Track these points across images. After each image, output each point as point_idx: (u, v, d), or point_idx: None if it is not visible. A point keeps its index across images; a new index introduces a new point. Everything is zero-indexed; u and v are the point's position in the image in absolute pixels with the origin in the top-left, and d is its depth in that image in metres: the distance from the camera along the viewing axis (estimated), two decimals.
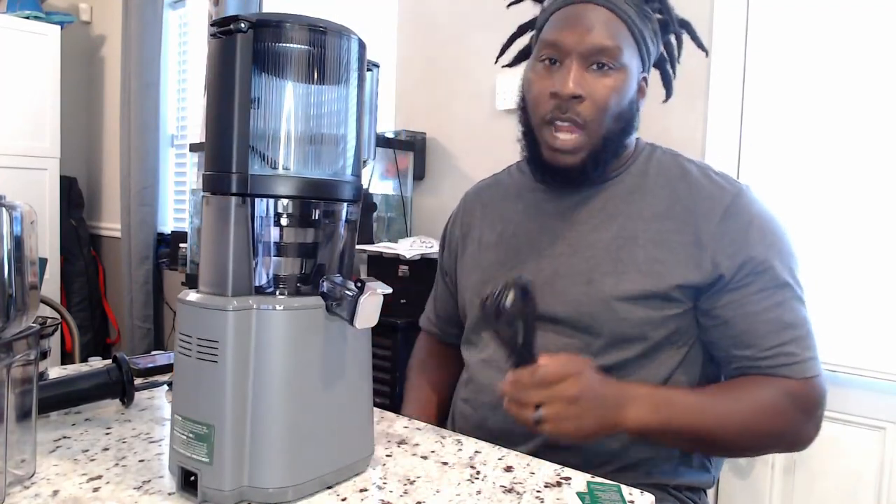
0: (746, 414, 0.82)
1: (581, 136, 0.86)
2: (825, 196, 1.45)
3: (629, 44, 0.86)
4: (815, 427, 0.85)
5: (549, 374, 0.74)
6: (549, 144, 0.87)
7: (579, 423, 0.75)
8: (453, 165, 2.11)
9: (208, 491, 0.58)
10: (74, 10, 3.46)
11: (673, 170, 0.91)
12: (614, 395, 0.78)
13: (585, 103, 0.84)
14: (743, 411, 0.82)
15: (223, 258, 0.60)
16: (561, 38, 0.85)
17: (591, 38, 0.83)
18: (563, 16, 0.87)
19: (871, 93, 1.39)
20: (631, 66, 0.86)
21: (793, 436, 0.86)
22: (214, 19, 0.59)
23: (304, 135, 0.62)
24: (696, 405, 0.82)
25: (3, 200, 0.59)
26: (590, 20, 0.84)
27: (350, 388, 0.65)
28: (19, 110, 2.91)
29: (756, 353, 0.83)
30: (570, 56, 0.84)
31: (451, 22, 2.09)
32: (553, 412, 0.74)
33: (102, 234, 3.50)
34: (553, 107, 0.85)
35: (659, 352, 0.86)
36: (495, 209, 1.03)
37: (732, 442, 0.84)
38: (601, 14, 0.84)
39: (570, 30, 0.84)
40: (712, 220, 0.85)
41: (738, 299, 0.83)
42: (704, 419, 0.81)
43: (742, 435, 0.83)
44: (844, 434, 1.40)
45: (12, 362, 0.60)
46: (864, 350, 1.39)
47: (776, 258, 0.84)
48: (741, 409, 0.83)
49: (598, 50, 0.84)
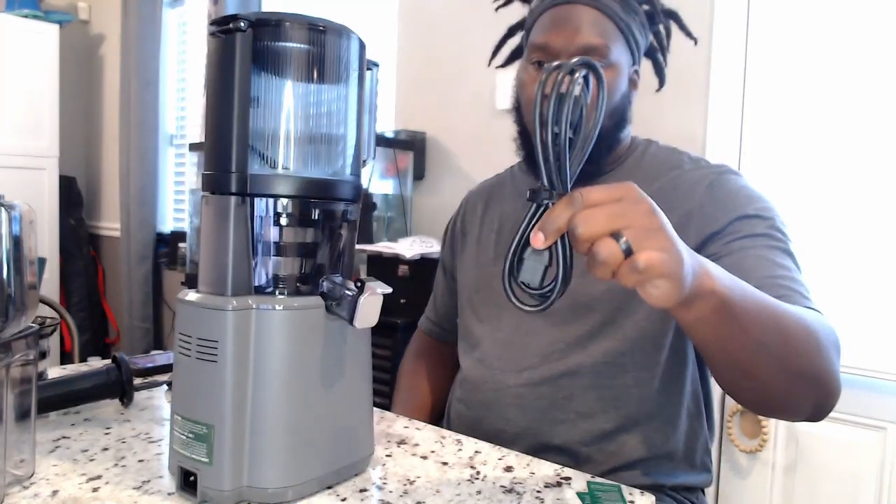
0: (806, 316, 0.68)
1: None
2: (826, 194, 1.45)
3: (617, 40, 0.86)
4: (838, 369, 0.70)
5: (598, 191, 0.52)
6: None
7: (674, 252, 0.51)
8: (453, 165, 2.11)
9: (208, 491, 0.58)
10: (73, 9, 3.46)
11: (666, 162, 0.92)
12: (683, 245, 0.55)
13: None
14: (803, 313, 0.68)
15: (223, 258, 0.59)
16: (550, 41, 0.86)
17: (579, 38, 0.84)
18: (549, 18, 0.87)
19: (873, 89, 1.39)
20: (621, 61, 0.87)
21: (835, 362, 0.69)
22: (213, 18, 0.59)
23: (303, 134, 0.62)
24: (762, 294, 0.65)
25: (2, 200, 0.59)
26: (577, 20, 0.85)
27: (350, 388, 0.65)
28: (18, 109, 2.91)
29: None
30: (559, 58, 0.85)
31: (451, 22, 2.09)
32: (640, 230, 0.50)
33: (102, 233, 3.50)
34: None
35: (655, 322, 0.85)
36: (495, 208, 1.03)
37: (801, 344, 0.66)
38: (587, 13, 0.85)
39: (558, 31, 0.85)
40: (697, 192, 0.85)
41: (727, 245, 0.80)
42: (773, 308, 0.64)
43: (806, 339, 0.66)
44: (844, 434, 1.40)
45: (11, 362, 0.60)
46: (864, 350, 1.39)
47: (766, 217, 0.82)
48: (800, 311, 0.69)
49: (587, 50, 0.84)
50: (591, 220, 0.50)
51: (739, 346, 0.63)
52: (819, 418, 0.72)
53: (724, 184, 0.86)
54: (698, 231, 0.83)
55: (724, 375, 0.69)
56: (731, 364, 0.66)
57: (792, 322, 0.65)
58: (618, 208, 0.51)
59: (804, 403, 0.70)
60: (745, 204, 0.83)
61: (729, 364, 0.66)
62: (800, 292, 0.76)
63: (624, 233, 0.50)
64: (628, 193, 0.52)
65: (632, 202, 0.51)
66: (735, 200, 0.83)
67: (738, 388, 0.70)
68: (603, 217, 0.50)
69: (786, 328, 0.64)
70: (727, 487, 1.55)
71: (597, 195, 0.51)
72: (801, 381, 0.67)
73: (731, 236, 0.81)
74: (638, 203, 0.51)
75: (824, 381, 0.68)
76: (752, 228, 0.81)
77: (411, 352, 1.17)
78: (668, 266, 0.50)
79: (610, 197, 0.51)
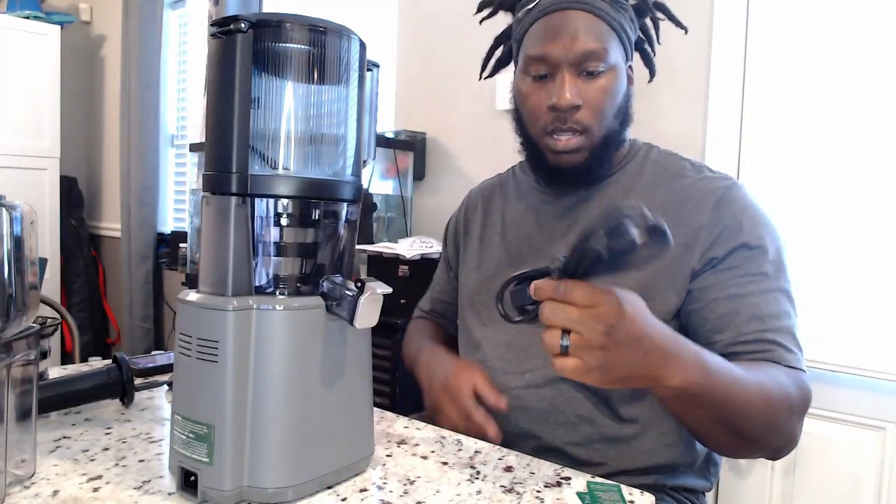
0: (772, 391, 0.74)
1: (583, 139, 0.87)
2: (825, 194, 1.45)
3: (612, 40, 0.86)
4: (801, 426, 0.79)
5: (579, 292, 0.60)
6: (552, 149, 0.88)
7: (613, 363, 0.61)
8: (453, 165, 2.11)
9: (208, 491, 0.58)
10: (74, 10, 3.46)
11: (669, 169, 0.92)
12: (663, 340, 0.65)
13: (583, 111, 0.85)
14: (768, 387, 0.74)
15: (223, 258, 0.60)
16: (548, 52, 0.85)
17: (577, 45, 0.83)
18: (543, 27, 0.86)
19: (873, 92, 1.39)
20: (618, 61, 0.87)
21: (791, 429, 0.78)
22: (214, 19, 0.59)
23: (304, 135, 0.62)
24: (734, 374, 0.72)
25: (3, 200, 0.59)
26: (571, 27, 0.84)
27: (350, 388, 0.65)
28: (19, 110, 2.91)
29: (735, 337, 0.80)
30: (559, 67, 0.85)
31: (451, 22, 2.09)
32: (582, 343, 0.60)
33: (102, 233, 3.50)
34: (552, 119, 0.86)
35: None
36: (497, 209, 1.03)
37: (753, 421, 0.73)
38: (580, 18, 0.84)
39: (555, 41, 0.84)
40: (705, 210, 0.85)
41: (723, 281, 0.82)
42: (737, 391, 0.71)
43: (762, 415, 0.73)
44: (845, 434, 1.40)
45: (12, 362, 0.60)
46: (864, 350, 1.39)
47: (768, 248, 0.83)
48: (766, 384, 0.74)
49: (586, 56, 0.84)
50: (557, 312, 0.61)
51: (695, 419, 0.74)
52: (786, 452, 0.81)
53: (731, 202, 0.85)
54: (703, 251, 0.83)
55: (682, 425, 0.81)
56: (686, 425, 0.78)
57: (752, 398, 0.72)
58: (583, 315, 0.60)
59: (753, 455, 0.82)
60: (750, 229, 0.83)
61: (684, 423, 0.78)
62: (784, 346, 0.80)
63: (571, 336, 0.61)
64: (604, 308, 0.60)
65: (596, 318, 0.60)
66: (740, 224, 0.83)
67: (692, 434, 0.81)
68: (564, 316, 0.60)
69: (743, 406, 0.72)
70: (727, 487, 1.55)
71: (577, 294, 0.60)
72: (750, 443, 0.77)
73: (730, 271, 0.82)
74: (602, 319, 0.60)
75: (774, 445, 0.78)
76: (751, 264, 0.82)
77: (413, 331, 1.16)
78: (584, 379, 0.62)
79: (586, 301, 0.60)
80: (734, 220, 0.84)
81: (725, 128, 1.55)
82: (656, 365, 0.65)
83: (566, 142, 0.86)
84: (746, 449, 0.79)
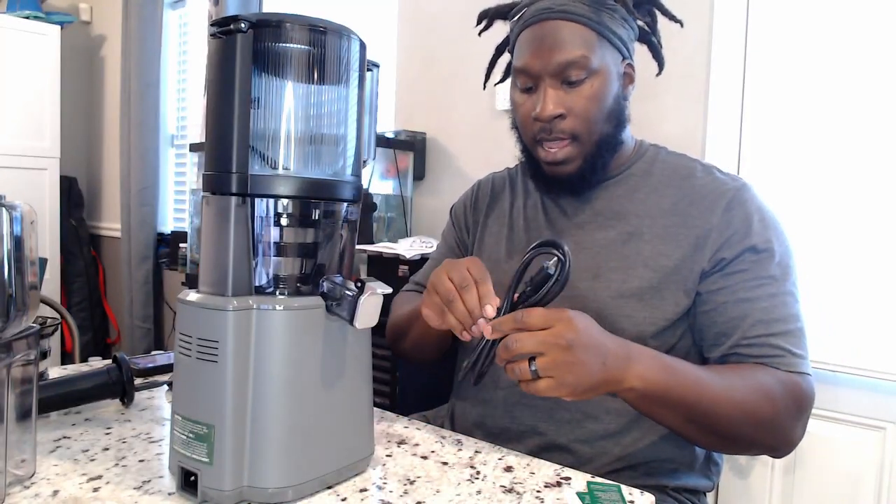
0: (746, 393, 0.77)
1: (573, 147, 0.87)
2: (826, 195, 1.45)
3: (597, 45, 0.85)
4: (802, 428, 0.81)
5: (536, 316, 0.67)
6: (543, 160, 0.90)
7: (579, 374, 0.67)
8: (453, 165, 2.11)
9: (208, 491, 0.58)
10: (74, 10, 3.46)
11: (679, 170, 0.92)
12: (618, 346, 0.72)
13: (568, 119, 0.86)
14: (741, 390, 0.77)
15: (223, 258, 0.60)
16: (529, 64, 0.86)
17: (555, 57, 0.84)
18: (525, 39, 0.87)
19: (873, 91, 1.39)
20: (606, 64, 0.86)
21: (783, 431, 0.79)
22: (214, 19, 0.59)
23: (304, 135, 0.62)
24: (699, 374, 0.76)
25: (3, 200, 0.59)
26: (549, 39, 0.84)
27: (350, 388, 0.65)
28: (19, 110, 2.91)
29: (742, 340, 0.81)
30: (541, 79, 0.85)
31: (451, 22, 2.09)
32: (549, 362, 0.66)
33: (102, 233, 3.50)
34: (539, 129, 0.88)
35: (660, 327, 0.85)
36: (503, 204, 1.03)
37: (726, 421, 0.76)
38: (559, 28, 0.84)
39: (534, 53, 0.85)
40: (716, 211, 0.85)
41: (732, 284, 0.83)
42: (704, 391, 0.75)
43: (736, 416, 0.76)
44: (844, 434, 1.40)
45: (12, 362, 0.60)
46: (864, 350, 1.39)
47: (775, 251, 0.84)
48: (739, 387, 0.77)
49: (564, 66, 0.84)
50: (520, 341, 0.66)
51: (666, 420, 0.77)
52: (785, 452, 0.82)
53: (742, 204, 0.85)
54: (713, 252, 0.84)
55: None
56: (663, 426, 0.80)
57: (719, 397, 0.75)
58: (545, 336, 0.66)
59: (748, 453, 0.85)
60: (759, 232, 0.84)
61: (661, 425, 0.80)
62: (787, 350, 0.81)
63: (538, 360, 0.66)
64: (560, 326, 0.66)
65: (556, 336, 0.66)
66: (749, 226, 0.84)
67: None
68: (529, 342, 0.66)
69: (713, 405, 0.75)
70: (727, 487, 1.55)
71: (534, 319, 0.66)
72: (729, 442, 0.79)
73: (738, 274, 0.83)
74: (562, 336, 0.65)
75: (767, 444, 0.80)
76: (759, 268, 0.83)
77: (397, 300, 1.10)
78: (556, 394, 0.67)
79: (543, 323, 0.66)
80: (744, 222, 0.84)
81: (725, 128, 1.55)
82: (616, 369, 0.70)
83: (556, 152, 0.87)
84: (731, 447, 0.81)
